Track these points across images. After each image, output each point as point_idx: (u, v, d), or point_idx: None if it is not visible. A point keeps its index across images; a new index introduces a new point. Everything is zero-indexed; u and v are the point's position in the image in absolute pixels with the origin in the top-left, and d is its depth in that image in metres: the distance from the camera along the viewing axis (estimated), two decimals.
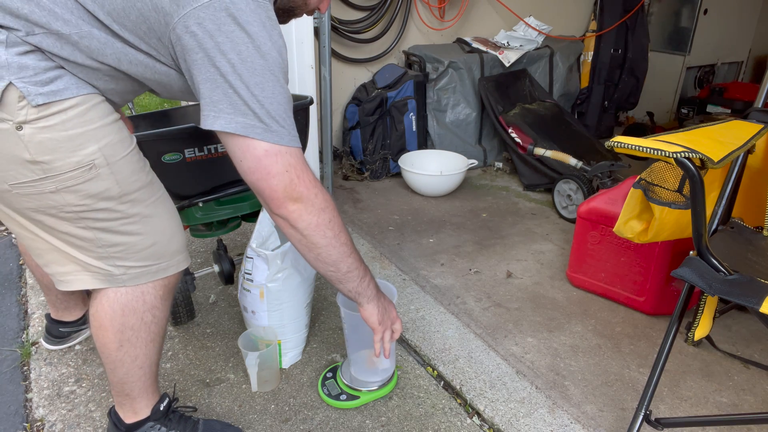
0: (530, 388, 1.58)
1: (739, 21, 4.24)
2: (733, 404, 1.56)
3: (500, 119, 3.06)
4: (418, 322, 1.87)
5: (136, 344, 1.18)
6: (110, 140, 1.00)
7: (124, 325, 1.14)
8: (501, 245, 2.42)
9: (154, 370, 1.26)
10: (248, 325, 1.69)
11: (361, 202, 2.84)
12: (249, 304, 1.62)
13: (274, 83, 0.97)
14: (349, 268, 1.19)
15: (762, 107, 1.51)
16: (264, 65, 0.96)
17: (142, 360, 1.21)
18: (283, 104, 0.99)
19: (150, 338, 1.19)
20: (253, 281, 1.59)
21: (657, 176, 1.33)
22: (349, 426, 1.47)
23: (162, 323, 1.21)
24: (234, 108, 0.96)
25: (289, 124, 1.01)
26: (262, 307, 1.60)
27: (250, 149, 0.98)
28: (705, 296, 1.40)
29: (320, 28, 2.54)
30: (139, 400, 1.26)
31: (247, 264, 1.60)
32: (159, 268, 1.13)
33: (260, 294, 1.59)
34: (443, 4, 3.29)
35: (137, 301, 1.14)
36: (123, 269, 1.10)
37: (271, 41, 0.96)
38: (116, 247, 1.07)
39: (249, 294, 1.61)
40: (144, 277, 1.12)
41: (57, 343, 1.72)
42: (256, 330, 1.61)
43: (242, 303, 1.66)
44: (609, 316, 1.94)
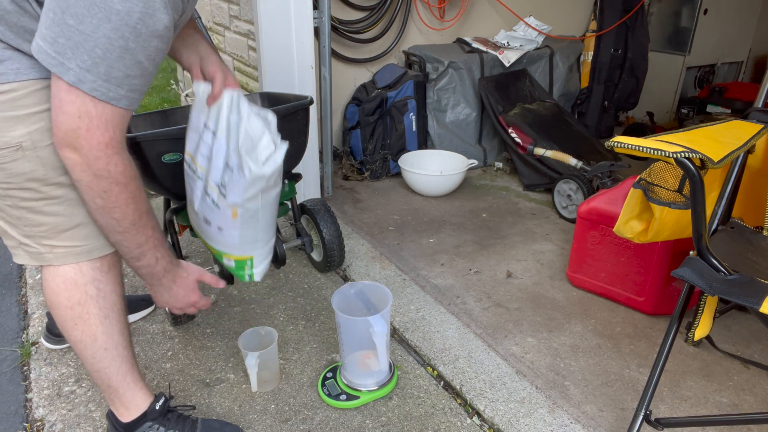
0: (530, 388, 1.58)
1: (739, 21, 4.24)
2: (733, 404, 1.56)
3: (500, 119, 3.06)
4: (418, 322, 1.87)
5: (89, 321, 1.18)
6: (41, 126, 1.01)
7: (70, 300, 1.16)
8: (501, 245, 2.42)
9: (126, 356, 1.25)
10: (208, 238, 1.44)
11: (361, 202, 2.84)
12: (215, 219, 1.39)
13: (101, 22, 0.88)
14: (120, 242, 1.11)
15: (762, 107, 1.51)
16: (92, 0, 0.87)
17: (104, 340, 1.20)
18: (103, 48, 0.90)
19: (102, 314, 1.18)
20: (226, 197, 1.32)
21: (657, 176, 1.33)
22: (349, 426, 1.47)
23: (111, 298, 1.19)
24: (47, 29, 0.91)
25: (108, 73, 0.92)
26: (233, 225, 1.39)
27: (54, 79, 0.94)
28: (705, 296, 1.40)
29: (320, 28, 2.54)
30: (122, 393, 1.26)
31: (223, 174, 1.30)
32: (83, 250, 1.14)
33: (233, 213, 1.36)
34: (443, 4, 3.29)
35: (76, 274, 1.15)
36: (48, 248, 1.11)
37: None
38: (41, 227, 1.09)
39: (217, 210, 1.36)
40: (70, 257, 1.13)
41: (57, 342, 1.71)
42: (255, 332, 1.61)
43: (202, 214, 1.39)
44: (609, 316, 1.94)
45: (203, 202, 1.36)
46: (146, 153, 1.50)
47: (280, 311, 1.95)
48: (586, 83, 3.72)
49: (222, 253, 1.46)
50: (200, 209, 1.39)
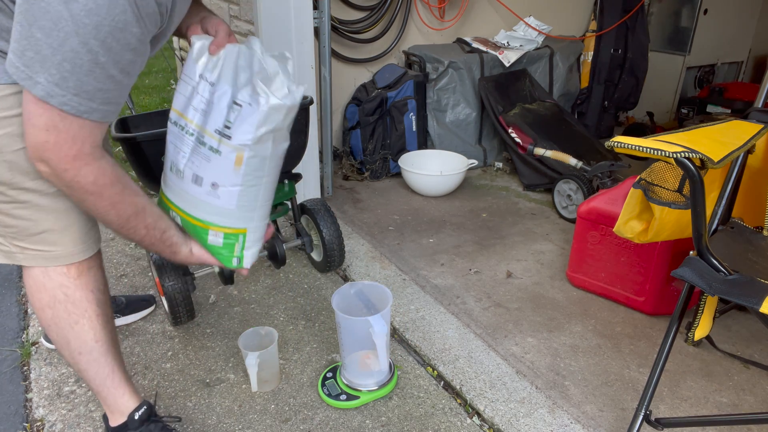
0: (530, 388, 1.58)
1: (739, 21, 4.24)
2: (733, 404, 1.56)
3: (500, 119, 3.06)
4: (418, 322, 1.87)
5: (60, 325, 1.18)
6: (9, 131, 1.01)
7: (41, 302, 1.17)
8: (501, 245, 2.42)
9: (105, 361, 1.24)
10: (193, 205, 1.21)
11: (361, 202, 2.84)
12: (209, 172, 1.17)
13: (68, 36, 0.85)
14: (123, 236, 1.11)
15: (762, 107, 1.51)
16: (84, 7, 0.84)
17: (77, 345, 1.20)
18: (71, 62, 0.87)
19: (72, 320, 1.18)
20: (231, 138, 1.14)
21: (657, 176, 1.33)
22: (349, 426, 1.47)
23: (81, 305, 1.18)
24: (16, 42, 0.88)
25: (78, 87, 0.90)
26: (234, 179, 1.18)
27: (25, 91, 0.91)
28: (705, 296, 1.40)
29: (320, 28, 2.54)
30: (105, 396, 1.27)
31: (228, 114, 1.13)
32: (53, 255, 1.13)
33: (237, 160, 1.16)
34: (443, 4, 3.29)
35: (44, 277, 1.15)
36: (18, 249, 1.12)
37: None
38: (10, 228, 1.10)
39: (216, 158, 1.15)
40: (39, 260, 1.13)
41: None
42: (255, 332, 1.61)
43: (192, 171, 1.18)
44: (609, 316, 1.94)
45: (194, 155, 1.17)
46: (146, 153, 1.50)
47: (280, 311, 1.95)
48: (586, 83, 3.72)
49: (209, 224, 1.22)
50: (188, 167, 1.18)
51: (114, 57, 0.91)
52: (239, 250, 1.27)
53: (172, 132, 1.22)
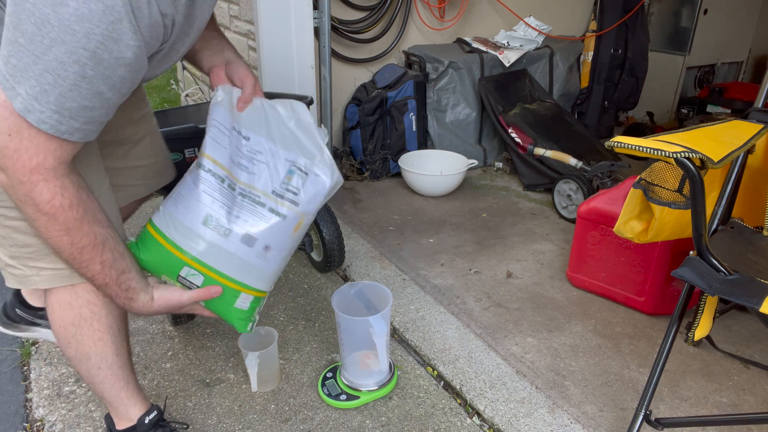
0: (530, 388, 1.58)
1: (739, 21, 4.24)
2: (733, 404, 1.56)
3: (500, 119, 3.06)
4: (418, 322, 1.87)
5: (83, 342, 1.15)
6: None
7: (64, 320, 1.12)
8: (501, 245, 2.42)
9: (122, 374, 1.23)
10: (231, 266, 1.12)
11: (361, 202, 2.84)
12: (266, 235, 1.13)
13: (53, 43, 0.77)
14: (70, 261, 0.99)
15: (762, 107, 1.51)
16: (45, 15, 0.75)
17: (97, 360, 1.18)
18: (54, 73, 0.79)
19: (96, 337, 1.15)
20: (299, 205, 1.14)
21: (657, 176, 1.33)
22: (349, 426, 1.47)
23: (106, 321, 1.15)
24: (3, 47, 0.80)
25: (59, 103, 0.81)
26: (287, 244, 1.18)
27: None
28: (705, 296, 1.40)
29: (320, 28, 2.55)
30: (117, 406, 1.26)
31: (287, 179, 1.13)
32: (72, 273, 1.05)
33: (297, 226, 1.16)
34: (443, 4, 3.29)
35: (71, 295, 1.10)
36: (35, 270, 1.06)
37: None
38: (27, 247, 1.03)
39: (278, 220, 1.13)
40: (57, 280, 1.07)
41: (7, 325, 1.50)
42: (255, 332, 1.61)
43: (245, 230, 1.11)
44: (609, 316, 1.94)
45: (246, 213, 1.12)
46: None
47: (280, 311, 1.95)
48: (586, 83, 3.72)
49: (245, 287, 1.16)
50: (238, 225, 1.11)
51: (104, 71, 0.82)
52: (257, 311, 1.23)
53: (209, 182, 1.11)
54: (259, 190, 1.12)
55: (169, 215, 1.12)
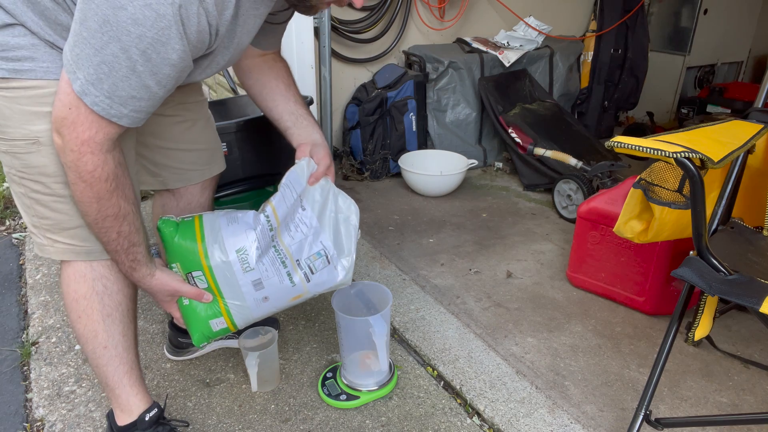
0: (530, 388, 1.58)
1: (739, 21, 4.24)
2: (733, 404, 1.56)
3: (500, 119, 3.06)
4: (418, 322, 1.87)
5: (92, 316, 1.19)
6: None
7: (77, 293, 1.18)
8: (501, 245, 2.42)
9: (126, 357, 1.26)
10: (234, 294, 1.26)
11: (361, 202, 2.84)
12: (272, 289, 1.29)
13: (111, 40, 0.88)
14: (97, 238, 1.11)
15: (762, 107, 1.51)
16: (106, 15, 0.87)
17: (104, 338, 1.21)
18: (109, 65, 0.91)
19: (105, 312, 1.20)
20: (309, 281, 1.30)
21: (657, 176, 1.33)
22: (349, 426, 1.47)
23: (117, 297, 1.21)
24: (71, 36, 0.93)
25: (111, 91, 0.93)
26: (282, 304, 1.34)
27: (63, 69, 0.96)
28: (705, 296, 1.40)
29: (320, 28, 2.54)
30: (119, 393, 1.27)
31: (312, 259, 1.29)
32: (84, 251, 1.15)
33: (297, 297, 1.33)
34: (443, 4, 3.29)
35: (86, 268, 1.17)
36: (50, 241, 1.15)
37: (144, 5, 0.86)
38: (46, 219, 1.12)
39: (288, 284, 1.28)
40: (69, 254, 1.16)
41: (177, 353, 1.69)
42: (255, 332, 1.61)
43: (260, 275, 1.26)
44: (609, 316, 1.94)
45: (270, 264, 1.26)
46: None
47: (280, 312, 1.94)
48: (586, 83, 3.72)
49: (228, 315, 1.29)
50: (259, 269, 1.25)
51: (152, 68, 0.93)
52: (214, 338, 1.34)
53: (261, 223, 1.26)
54: (289, 253, 1.27)
55: (218, 224, 1.26)
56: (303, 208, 1.30)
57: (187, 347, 1.68)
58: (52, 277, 2.10)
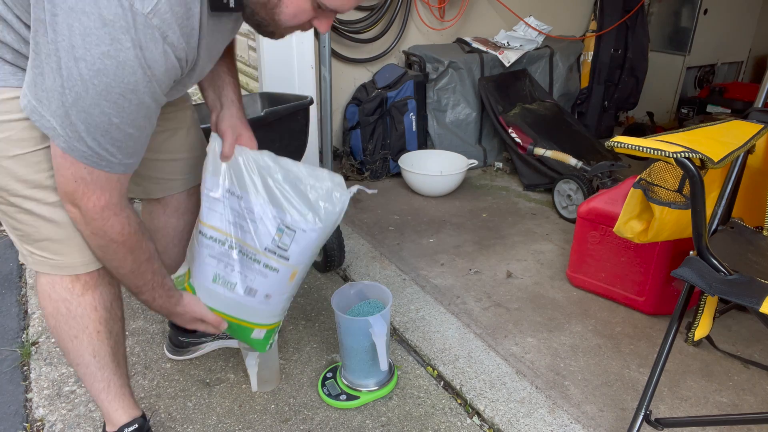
0: (530, 388, 1.58)
1: (739, 21, 4.24)
2: (733, 404, 1.56)
3: (500, 119, 3.06)
4: (418, 322, 1.87)
5: (61, 335, 1.17)
6: (7, 136, 0.97)
7: (46, 309, 1.15)
8: (501, 245, 2.42)
9: (101, 376, 1.22)
10: (241, 312, 1.29)
11: (361, 202, 2.84)
12: (264, 286, 1.27)
13: (79, 96, 0.85)
14: (120, 280, 1.13)
15: (762, 107, 1.51)
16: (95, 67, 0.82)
17: (74, 357, 1.19)
18: (105, 124, 0.88)
19: (72, 334, 1.16)
20: (289, 259, 1.24)
21: (657, 176, 1.33)
22: (349, 426, 1.47)
23: (82, 321, 1.15)
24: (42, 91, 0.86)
25: (104, 148, 0.91)
26: (286, 289, 1.31)
27: (52, 144, 0.93)
28: (705, 296, 1.40)
29: None
30: (99, 405, 1.27)
31: (278, 237, 1.23)
32: (55, 264, 1.11)
33: (291, 275, 1.28)
34: (443, 4, 3.29)
35: (50, 288, 1.13)
36: (27, 252, 1.11)
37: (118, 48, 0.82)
38: (16, 230, 1.09)
39: (273, 274, 1.25)
40: (43, 266, 1.11)
41: (177, 353, 1.68)
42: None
43: (244, 284, 1.26)
44: (609, 316, 1.94)
45: (247, 270, 1.25)
46: None
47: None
48: (586, 83, 3.72)
49: (256, 325, 1.32)
50: (240, 281, 1.25)
51: (128, 117, 0.90)
52: (274, 336, 1.41)
53: (211, 247, 1.24)
54: (253, 248, 1.23)
55: (194, 271, 1.29)
56: (239, 197, 1.23)
57: (188, 346, 1.67)
58: None
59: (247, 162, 1.23)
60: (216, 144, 1.24)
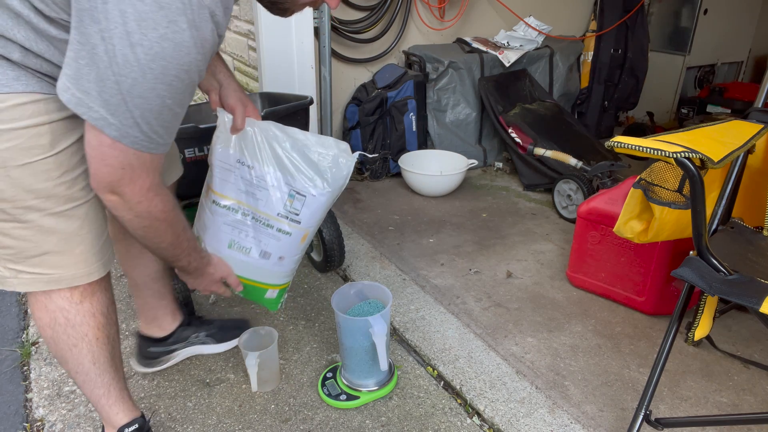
0: (530, 388, 1.58)
1: (739, 21, 4.24)
2: (733, 404, 1.56)
3: (500, 119, 3.06)
4: (418, 322, 1.87)
5: (59, 345, 1.15)
6: (15, 144, 0.94)
7: (42, 321, 1.13)
8: (501, 245, 2.42)
9: (100, 381, 1.22)
10: (256, 274, 1.39)
11: (361, 202, 2.84)
12: (278, 249, 1.36)
13: (158, 80, 0.87)
14: (159, 255, 1.17)
15: (762, 107, 1.51)
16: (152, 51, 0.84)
17: (73, 365, 1.18)
18: (159, 106, 0.90)
19: (71, 343, 1.15)
20: (300, 223, 1.34)
21: (657, 176, 1.33)
22: (349, 426, 1.47)
23: (81, 329, 1.14)
24: (88, 82, 0.86)
25: (154, 130, 0.93)
26: (298, 250, 1.40)
27: (96, 133, 0.91)
28: (705, 296, 1.40)
29: (320, 28, 2.54)
30: (99, 410, 1.27)
31: (289, 202, 1.32)
32: (51, 279, 1.07)
33: (303, 238, 1.37)
34: (443, 4, 3.29)
35: (46, 299, 1.11)
36: (13, 272, 1.05)
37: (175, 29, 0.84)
38: (6, 249, 1.03)
39: (286, 237, 1.34)
40: (35, 284, 1.07)
41: (147, 365, 1.62)
42: (255, 332, 1.61)
43: (260, 248, 1.35)
44: (609, 316, 1.94)
45: (261, 235, 1.33)
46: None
47: (280, 311, 1.95)
48: (586, 83, 3.72)
49: (270, 285, 1.42)
50: (255, 245, 1.34)
51: (178, 97, 0.92)
52: (284, 296, 1.51)
53: (225, 215, 1.32)
54: (266, 214, 1.32)
55: (202, 238, 1.36)
56: (250, 167, 1.29)
57: (159, 356, 1.62)
58: None
59: (256, 133, 1.28)
60: (225, 117, 1.29)
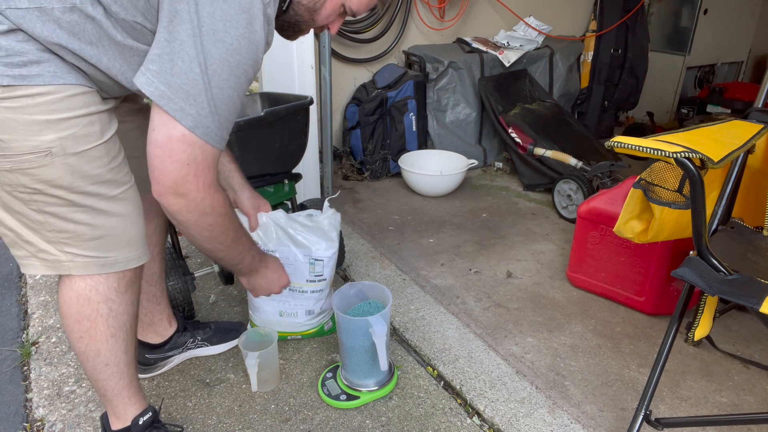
0: (530, 388, 1.58)
1: (739, 21, 4.24)
2: (733, 404, 1.56)
3: (500, 119, 3.06)
4: (418, 322, 1.87)
5: (95, 337, 1.17)
6: (73, 132, 0.99)
7: (80, 315, 1.14)
8: (501, 245, 2.42)
9: (127, 372, 1.24)
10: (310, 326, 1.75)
11: (361, 202, 2.84)
12: (317, 305, 1.71)
13: (233, 72, 0.97)
14: (224, 258, 1.22)
15: (762, 107, 1.51)
16: (232, 47, 0.95)
17: (106, 356, 1.19)
18: (229, 97, 0.99)
19: (110, 333, 1.17)
20: (325, 279, 1.67)
21: (657, 176, 1.33)
22: (349, 426, 1.47)
23: (122, 318, 1.18)
24: (172, 76, 0.94)
25: (223, 121, 1.00)
26: (326, 294, 1.71)
27: (168, 126, 0.96)
28: (705, 296, 1.40)
29: None
30: (116, 404, 1.26)
31: (315, 266, 1.63)
32: (106, 262, 1.11)
33: (329, 283, 1.70)
34: (443, 4, 3.29)
35: (90, 291, 1.13)
36: (71, 256, 1.09)
37: (251, 30, 0.95)
38: (64, 233, 1.06)
39: (319, 293, 1.69)
40: (91, 267, 1.11)
41: (144, 371, 1.61)
42: (255, 332, 1.61)
43: (306, 308, 1.70)
44: (609, 316, 1.94)
45: (300, 300, 1.68)
46: None
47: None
48: (586, 83, 3.72)
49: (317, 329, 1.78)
50: (297, 309, 1.70)
51: (242, 90, 1.01)
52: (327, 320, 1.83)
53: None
54: (299, 284, 1.65)
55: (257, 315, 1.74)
56: (272, 251, 1.59)
57: (155, 363, 1.63)
58: (53, 278, 2.10)
59: (269, 223, 1.60)
60: (242, 220, 1.52)
